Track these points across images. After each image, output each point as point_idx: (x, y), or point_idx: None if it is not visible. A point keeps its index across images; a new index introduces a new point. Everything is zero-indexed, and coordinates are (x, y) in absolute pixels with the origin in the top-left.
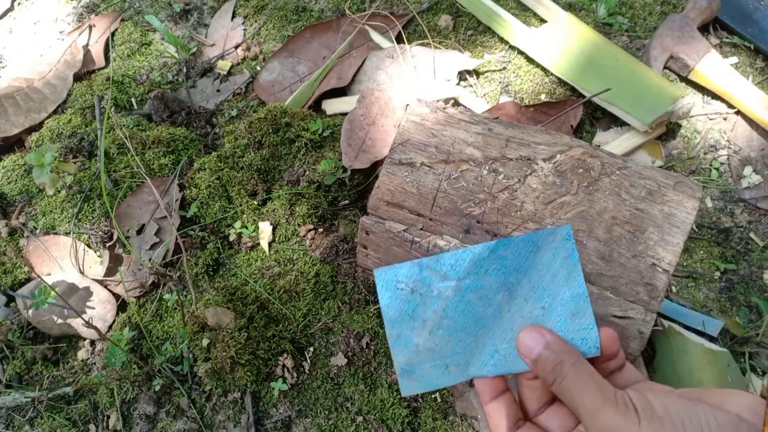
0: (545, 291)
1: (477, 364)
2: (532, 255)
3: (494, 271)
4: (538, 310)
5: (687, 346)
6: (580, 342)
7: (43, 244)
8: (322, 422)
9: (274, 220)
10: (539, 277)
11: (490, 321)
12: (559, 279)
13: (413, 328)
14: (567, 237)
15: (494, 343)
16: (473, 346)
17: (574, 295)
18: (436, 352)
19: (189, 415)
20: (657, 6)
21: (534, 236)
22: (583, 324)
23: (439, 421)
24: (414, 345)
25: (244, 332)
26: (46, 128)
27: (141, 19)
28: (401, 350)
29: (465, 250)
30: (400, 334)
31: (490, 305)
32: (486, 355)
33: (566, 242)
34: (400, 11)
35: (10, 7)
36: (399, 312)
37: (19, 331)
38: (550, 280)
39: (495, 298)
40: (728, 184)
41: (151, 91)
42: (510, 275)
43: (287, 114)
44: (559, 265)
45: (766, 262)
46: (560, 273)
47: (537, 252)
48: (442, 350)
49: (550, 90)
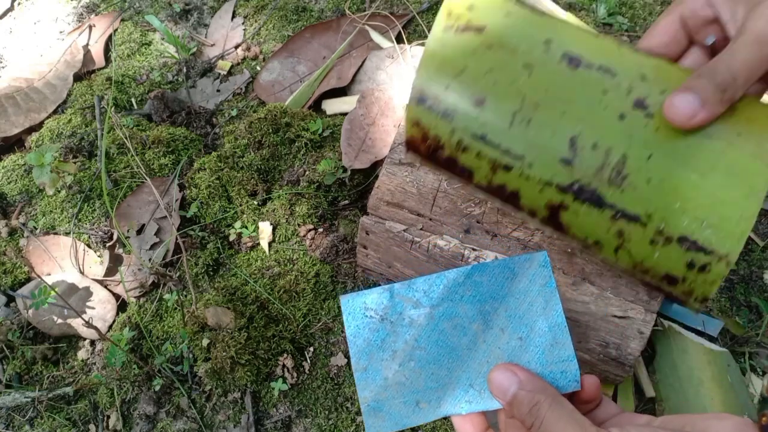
0: (522, 320)
1: (450, 401)
2: (509, 282)
3: (469, 297)
4: (515, 341)
5: (687, 346)
6: (560, 375)
7: (43, 244)
8: (322, 422)
9: (274, 220)
10: (516, 306)
11: (465, 353)
12: (536, 308)
13: (382, 359)
14: (543, 264)
15: (469, 378)
16: (446, 381)
17: (552, 324)
18: (407, 386)
19: (189, 415)
20: (657, 6)
21: (510, 261)
22: (562, 356)
23: (439, 420)
24: (382, 378)
25: (244, 332)
26: (46, 128)
27: (141, 19)
28: (368, 384)
29: (439, 275)
30: (367, 367)
31: (465, 335)
32: (460, 390)
33: (543, 269)
34: (400, 11)
35: (10, 7)
36: (366, 342)
37: (19, 331)
38: (527, 309)
39: (470, 327)
40: None
41: (151, 91)
42: (486, 303)
43: (287, 114)
44: (536, 293)
45: (766, 262)
46: (537, 301)
47: (513, 279)
48: (413, 384)
49: None
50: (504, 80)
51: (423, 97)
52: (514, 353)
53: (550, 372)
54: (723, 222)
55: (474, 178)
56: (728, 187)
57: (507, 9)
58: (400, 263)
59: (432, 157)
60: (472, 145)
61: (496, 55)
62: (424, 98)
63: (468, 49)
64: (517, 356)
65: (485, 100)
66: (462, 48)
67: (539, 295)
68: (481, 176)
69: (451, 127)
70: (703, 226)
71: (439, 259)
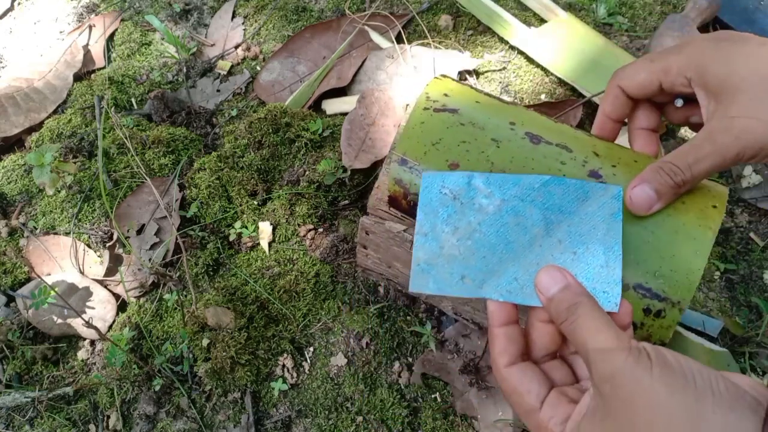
0: (581, 239)
1: (492, 286)
2: (579, 202)
3: (539, 203)
4: (569, 254)
5: (687, 346)
6: (602, 294)
7: (43, 244)
8: (322, 422)
9: (274, 220)
10: (579, 224)
11: (520, 249)
12: (597, 232)
13: (443, 231)
14: (616, 197)
15: (516, 271)
16: (495, 267)
17: (607, 249)
18: (457, 260)
19: (189, 415)
20: (657, 6)
21: (586, 185)
22: (609, 278)
23: (439, 421)
24: (438, 247)
25: (244, 332)
26: (46, 128)
27: (141, 19)
28: (424, 248)
29: (517, 176)
30: (428, 234)
31: (525, 234)
32: (505, 279)
33: (614, 201)
34: (400, 11)
35: (10, 7)
36: (434, 213)
37: (19, 331)
38: (588, 230)
39: (531, 229)
40: (728, 184)
41: (151, 91)
42: (552, 213)
43: (287, 114)
44: (601, 220)
45: (766, 262)
46: (600, 227)
47: (584, 201)
48: (464, 260)
49: (550, 90)
50: (475, 150)
51: (404, 160)
52: (565, 264)
53: (593, 289)
54: (673, 273)
55: None
56: (676, 244)
57: (477, 98)
58: (400, 263)
59: (412, 211)
60: None
61: (468, 131)
62: (405, 160)
63: (444, 124)
64: (567, 267)
65: (459, 165)
66: (438, 123)
67: (604, 222)
68: None
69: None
70: (655, 276)
71: None
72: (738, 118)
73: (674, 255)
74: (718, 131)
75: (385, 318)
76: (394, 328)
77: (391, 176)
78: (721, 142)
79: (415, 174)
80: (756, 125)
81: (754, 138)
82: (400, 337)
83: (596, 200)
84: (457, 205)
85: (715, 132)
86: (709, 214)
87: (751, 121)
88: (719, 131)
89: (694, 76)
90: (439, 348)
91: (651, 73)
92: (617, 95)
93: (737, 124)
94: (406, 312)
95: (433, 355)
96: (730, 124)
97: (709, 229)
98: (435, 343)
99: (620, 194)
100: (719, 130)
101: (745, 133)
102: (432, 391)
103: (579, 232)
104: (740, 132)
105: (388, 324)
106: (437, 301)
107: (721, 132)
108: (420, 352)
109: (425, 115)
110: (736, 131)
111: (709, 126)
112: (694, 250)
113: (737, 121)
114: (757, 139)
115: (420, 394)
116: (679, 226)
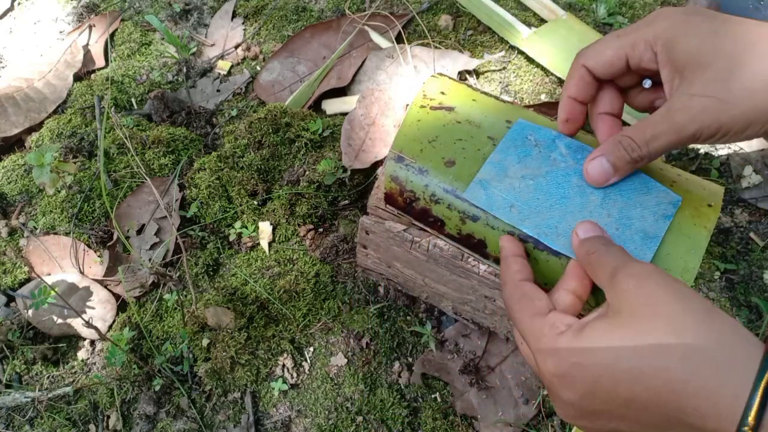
0: (628, 221)
1: (533, 223)
2: (639, 193)
3: None
4: (611, 228)
5: None
6: None
7: (43, 244)
8: (322, 422)
9: (274, 220)
10: (631, 210)
11: (571, 206)
12: (644, 222)
13: (513, 164)
14: (674, 203)
15: (559, 222)
16: (542, 210)
17: (646, 236)
18: (513, 191)
19: (189, 415)
20: (657, 6)
21: (652, 183)
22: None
23: (439, 421)
24: (503, 174)
25: (244, 332)
26: (46, 128)
27: (141, 19)
28: (489, 171)
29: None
30: (499, 161)
31: (582, 197)
32: (546, 223)
33: (671, 206)
34: (400, 11)
35: (10, 7)
36: (513, 149)
37: (19, 331)
38: (637, 217)
39: (589, 196)
40: (728, 184)
41: (151, 91)
42: (613, 191)
43: (287, 114)
44: (652, 214)
45: (766, 262)
46: (649, 219)
47: (645, 194)
48: (519, 194)
49: (550, 90)
50: (471, 147)
51: (401, 157)
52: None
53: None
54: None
55: (445, 227)
56: (670, 242)
57: (473, 96)
58: (400, 263)
59: (408, 208)
60: (444, 198)
61: (464, 128)
62: (402, 158)
63: (440, 123)
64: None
65: (455, 162)
66: (435, 122)
67: (654, 217)
68: (452, 225)
69: (425, 182)
70: None
71: (439, 258)
72: (698, 96)
73: (669, 254)
74: (676, 109)
75: (385, 318)
76: (394, 328)
77: (387, 173)
78: (678, 121)
79: (412, 171)
80: (714, 105)
81: (711, 118)
82: (400, 337)
83: (655, 198)
84: (536, 151)
85: (673, 110)
86: (704, 213)
87: (711, 100)
88: (678, 109)
89: (661, 50)
90: (439, 348)
91: (618, 48)
92: (582, 75)
93: (696, 103)
94: (406, 312)
95: (433, 355)
96: (688, 103)
97: (704, 228)
98: (435, 343)
99: (679, 203)
100: (678, 107)
101: (702, 113)
102: (432, 391)
103: (628, 216)
104: (698, 112)
105: (388, 324)
106: (437, 300)
107: (680, 110)
108: (420, 352)
109: (422, 113)
110: (694, 111)
111: (670, 102)
112: (688, 248)
113: (696, 99)
114: (714, 119)
115: (420, 394)
116: (673, 224)
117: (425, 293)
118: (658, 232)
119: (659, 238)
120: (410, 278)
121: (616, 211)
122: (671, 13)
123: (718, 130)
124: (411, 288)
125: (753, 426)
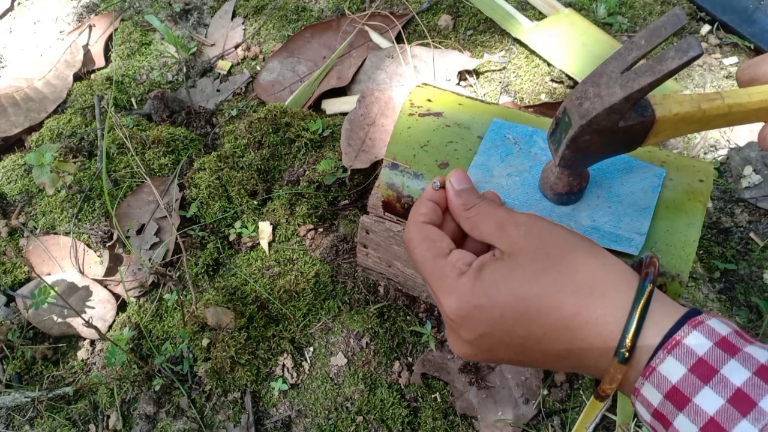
0: (618, 198)
1: None
2: (622, 172)
3: None
4: (603, 208)
5: None
6: (626, 240)
7: (43, 244)
8: (322, 422)
9: (274, 220)
10: (619, 187)
11: None
12: (634, 196)
13: (496, 165)
14: (658, 175)
15: (552, 211)
16: (534, 204)
17: (640, 209)
18: (503, 189)
19: (189, 415)
20: (657, 6)
21: (632, 160)
22: (635, 228)
23: (439, 421)
24: (489, 175)
25: (244, 332)
26: (46, 128)
27: (141, 19)
28: (476, 174)
29: None
30: (483, 163)
31: None
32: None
33: (656, 178)
34: (400, 11)
35: (10, 7)
36: (494, 149)
37: (19, 331)
38: (626, 194)
39: None
40: (728, 184)
41: (151, 91)
42: (599, 174)
43: (287, 114)
44: (640, 189)
45: (766, 262)
46: (637, 193)
47: (627, 172)
48: (508, 190)
49: (550, 90)
50: (463, 148)
51: (395, 164)
52: (598, 213)
53: (619, 234)
54: (669, 248)
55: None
56: (669, 218)
57: (459, 100)
58: (400, 262)
59: (406, 213)
60: None
61: (454, 131)
62: (396, 165)
63: (430, 128)
64: (599, 216)
65: (449, 164)
66: (425, 127)
67: (642, 191)
68: None
69: (421, 186)
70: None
71: None
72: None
73: (668, 230)
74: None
75: (385, 318)
76: (394, 328)
77: (382, 181)
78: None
79: (407, 177)
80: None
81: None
82: (400, 336)
83: (638, 174)
84: (516, 149)
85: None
86: (697, 188)
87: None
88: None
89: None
90: (439, 348)
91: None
92: None
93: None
94: (406, 312)
95: (433, 355)
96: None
97: (699, 202)
98: (435, 343)
99: (663, 174)
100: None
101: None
102: (432, 391)
103: (618, 193)
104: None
105: (388, 324)
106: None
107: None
108: (420, 352)
109: (411, 120)
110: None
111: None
112: (686, 223)
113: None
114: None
115: (420, 394)
116: (670, 202)
117: (425, 293)
118: (649, 203)
119: (652, 208)
120: (410, 278)
121: (603, 191)
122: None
123: None
124: (411, 287)
125: (629, 347)
